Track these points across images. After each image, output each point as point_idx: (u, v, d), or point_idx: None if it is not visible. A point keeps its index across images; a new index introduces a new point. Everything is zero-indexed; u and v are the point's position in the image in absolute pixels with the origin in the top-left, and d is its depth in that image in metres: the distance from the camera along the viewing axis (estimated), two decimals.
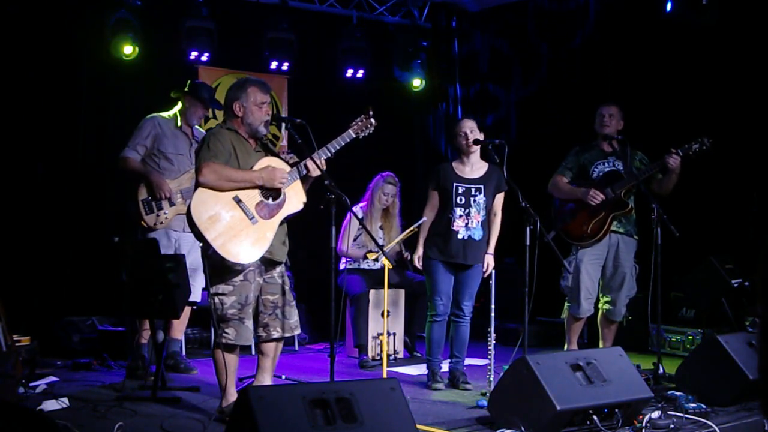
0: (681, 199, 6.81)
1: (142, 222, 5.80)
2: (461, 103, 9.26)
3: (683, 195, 6.94)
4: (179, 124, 5.99)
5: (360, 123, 4.79)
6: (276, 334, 4.66)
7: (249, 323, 4.53)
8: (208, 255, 4.41)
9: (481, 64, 9.13)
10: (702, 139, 5.80)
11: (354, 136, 4.77)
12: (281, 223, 4.57)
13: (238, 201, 4.43)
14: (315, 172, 4.60)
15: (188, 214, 4.39)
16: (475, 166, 5.61)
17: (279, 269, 4.70)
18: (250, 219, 4.45)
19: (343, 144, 4.72)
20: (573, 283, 6.05)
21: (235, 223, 4.39)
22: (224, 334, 4.46)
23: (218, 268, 4.43)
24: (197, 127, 6.09)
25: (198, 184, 4.41)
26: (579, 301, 6.02)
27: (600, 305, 6.14)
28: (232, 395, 4.55)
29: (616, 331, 6.20)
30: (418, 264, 5.62)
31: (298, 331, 4.81)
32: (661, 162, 5.81)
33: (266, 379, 4.74)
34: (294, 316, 4.72)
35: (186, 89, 6.01)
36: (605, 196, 5.91)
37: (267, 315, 4.65)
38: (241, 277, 4.48)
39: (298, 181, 4.62)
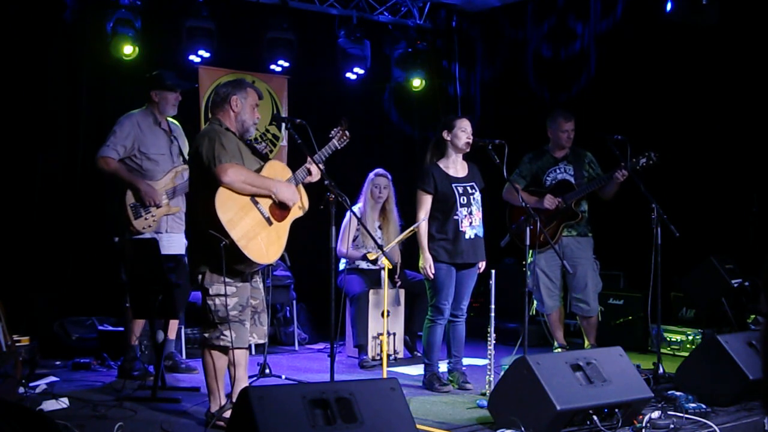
0: (681, 199, 6.83)
1: (131, 227, 5.66)
2: (460, 92, 9.20)
3: (683, 195, 6.95)
4: (157, 120, 5.85)
5: (338, 134, 4.87)
6: (252, 340, 4.67)
7: (248, 325, 4.51)
8: (225, 250, 4.23)
9: None
10: (648, 153, 5.98)
11: (337, 146, 4.87)
12: None
13: (255, 203, 4.44)
14: (316, 177, 4.67)
15: (211, 212, 4.27)
16: (459, 166, 5.62)
17: (259, 275, 4.71)
18: (266, 220, 4.46)
19: (329, 154, 4.81)
20: (534, 285, 6.42)
21: (255, 225, 4.40)
22: (222, 336, 4.40)
23: (229, 266, 4.31)
24: (171, 119, 5.94)
25: (219, 184, 4.30)
26: (542, 299, 6.45)
27: (574, 304, 6.44)
28: (222, 398, 4.53)
29: (595, 324, 6.48)
30: (430, 272, 5.45)
31: (266, 340, 4.81)
32: (609, 176, 6.13)
33: None
34: (266, 324, 4.72)
35: (149, 84, 5.86)
36: (560, 202, 6.28)
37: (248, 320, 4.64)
38: (241, 278, 4.47)
39: (300, 185, 4.67)
